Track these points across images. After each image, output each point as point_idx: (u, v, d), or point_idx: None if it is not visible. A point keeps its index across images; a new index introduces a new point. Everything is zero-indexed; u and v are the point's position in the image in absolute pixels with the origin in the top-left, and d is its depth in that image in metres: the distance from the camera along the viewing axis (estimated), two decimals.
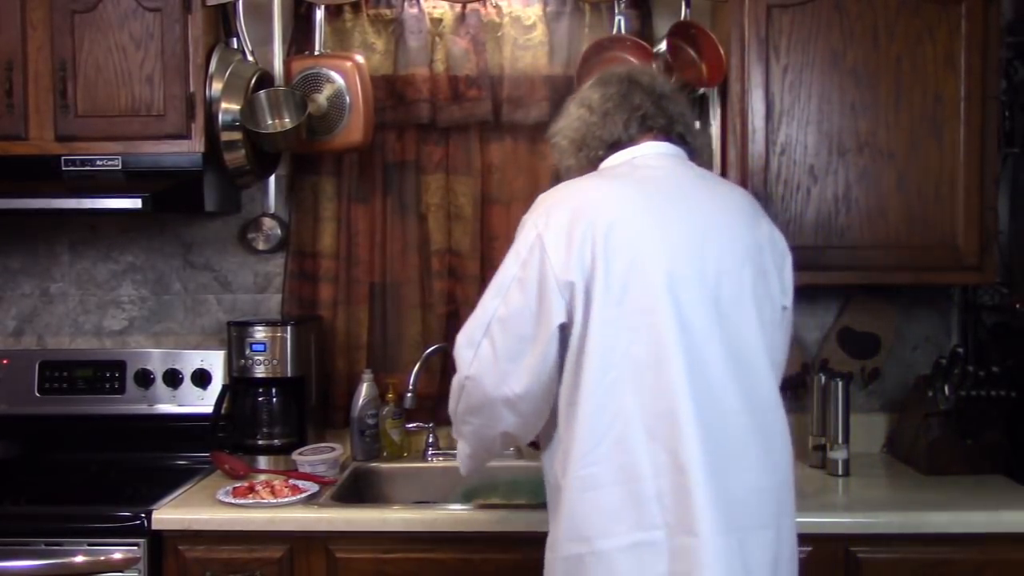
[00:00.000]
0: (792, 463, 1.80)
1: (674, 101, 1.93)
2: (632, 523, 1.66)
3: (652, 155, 1.87)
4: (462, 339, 1.82)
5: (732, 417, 1.70)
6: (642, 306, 1.68)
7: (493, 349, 1.76)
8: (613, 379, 1.67)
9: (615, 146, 1.88)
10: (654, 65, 2.71)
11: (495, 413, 1.82)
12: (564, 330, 1.71)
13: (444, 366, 2.92)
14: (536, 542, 2.30)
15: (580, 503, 1.71)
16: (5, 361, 2.91)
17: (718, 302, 1.72)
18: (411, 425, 2.87)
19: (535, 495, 2.58)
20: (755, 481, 1.71)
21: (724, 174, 2.63)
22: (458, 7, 2.84)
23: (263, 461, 2.73)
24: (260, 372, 2.72)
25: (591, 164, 1.91)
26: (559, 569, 1.76)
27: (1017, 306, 2.68)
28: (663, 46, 2.65)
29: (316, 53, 2.76)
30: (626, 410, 1.66)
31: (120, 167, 2.58)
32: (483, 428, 1.88)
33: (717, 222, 1.78)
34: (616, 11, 2.75)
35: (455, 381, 1.86)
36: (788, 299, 1.90)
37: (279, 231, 2.94)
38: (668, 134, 1.90)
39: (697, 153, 1.95)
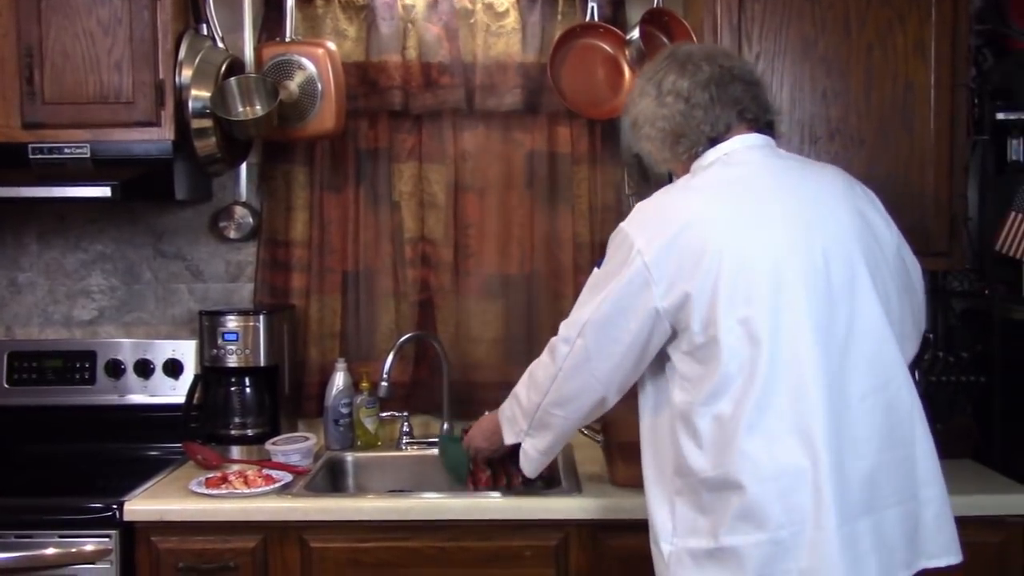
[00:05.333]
0: (926, 434, 1.80)
1: (762, 88, 1.90)
2: (756, 523, 1.67)
3: (742, 149, 1.84)
4: (559, 335, 1.88)
5: (856, 402, 1.71)
6: (759, 310, 1.69)
7: (586, 349, 1.82)
8: (739, 385, 1.68)
9: (714, 141, 1.85)
10: (627, 52, 2.71)
11: (583, 406, 1.90)
12: (671, 337, 1.76)
13: (418, 354, 2.92)
14: (511, 531, 2.32)
15: (702, 501, 1.72)
16: None
17: (831, 289, 1.73)
18: (385, 414, 2.87)
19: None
20: (879, 460, 1.72)
21: None
22: None
23: (236, 451, 2.72)
24: (232, 362, 2.71)
25: (690, 159, 1.87)
26: (684, 561, 1.76)
27: (986, 292, 2.71)
28: (636, 33, 2.65)
29: (287, 40, 2.73)
30: (746, 415, 1.67)
31: (89, 155, 2.55)
32: (567, 420, 1.95)
33: (817, 208, 1.78)
34: None
35: (543, 374, 1.92)
36: (907, 253, 1.93)
37: (251, 219, 2.92)
38: (759, 125, 1.87)
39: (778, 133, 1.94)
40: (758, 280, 1.70)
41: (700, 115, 1.83)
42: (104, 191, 2.46)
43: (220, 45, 2.71)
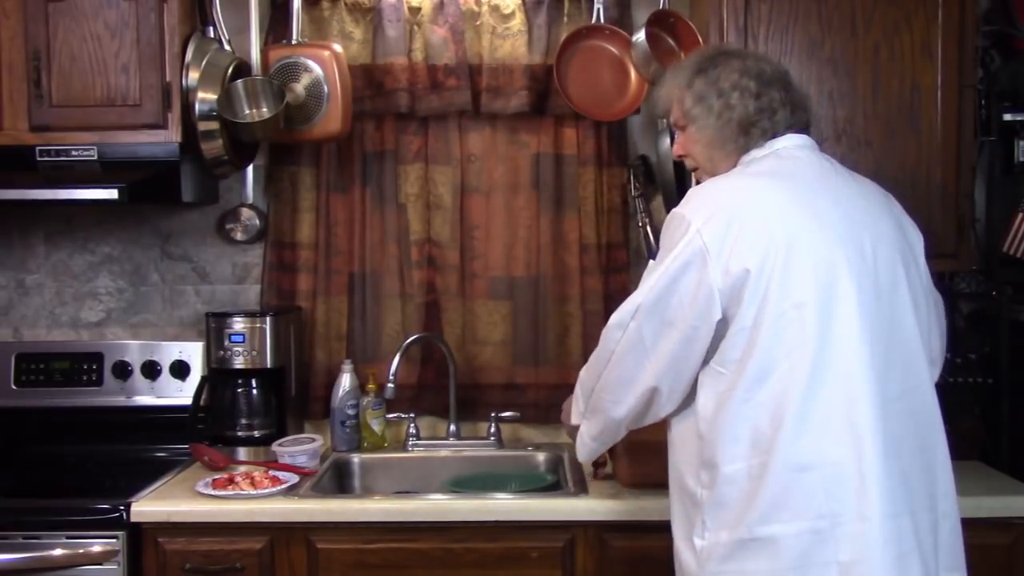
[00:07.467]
0: (945, 447, 1.82)
1: (802, 93, 1.96)
2: (795, 511, 1.67)
3: (793, 147, 1.88)
4: (613, 320, 1.85)
5: (894, 403, 1.73)
6: (812, 298, 1.70)
7: (640, 333, 1.80)
8: (786, 371, 1.69)
9: (769, 135, 1.89)
10: (632, 54, 2.71)
11: (631, 391, 1.85)
12: (719, 325, 1.73)
13: (424, 356, 2.92)
14: (517, 532, 2.32)
15: (736, 492, 1.72)
16: None
17: (878, 288, 1.76)
18: (391, 415, 2.87)
19: (519, 485, 2.60)
20: (912, 462, 1.74)
21: None
22: None
23: (243, 452, 2.72)
24: (239, 363, 2.71)
25: (747, 152, 1.89)
26: (715, 554, 1.75)
27: (993, 293, 2.70)
28: (642, 35, 2.65)
29: (293, 42, 2.74)
30: (793, 401, 1.68)
31: (96, 157, 2.55)
32: (616, 405, 1.89)
33: (865, 212, 1.82)
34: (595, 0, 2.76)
35: (597, 356, 1.89)
36: (929, 283, 1.93)
37: (257, 221, 2.92)
38: (804, 126, 1.92)
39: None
40: (815, 268, 1.71)
41: (765, 111, 1.87)
42: (111, 193, 2.46)
43: (227, 48, 2.72)
